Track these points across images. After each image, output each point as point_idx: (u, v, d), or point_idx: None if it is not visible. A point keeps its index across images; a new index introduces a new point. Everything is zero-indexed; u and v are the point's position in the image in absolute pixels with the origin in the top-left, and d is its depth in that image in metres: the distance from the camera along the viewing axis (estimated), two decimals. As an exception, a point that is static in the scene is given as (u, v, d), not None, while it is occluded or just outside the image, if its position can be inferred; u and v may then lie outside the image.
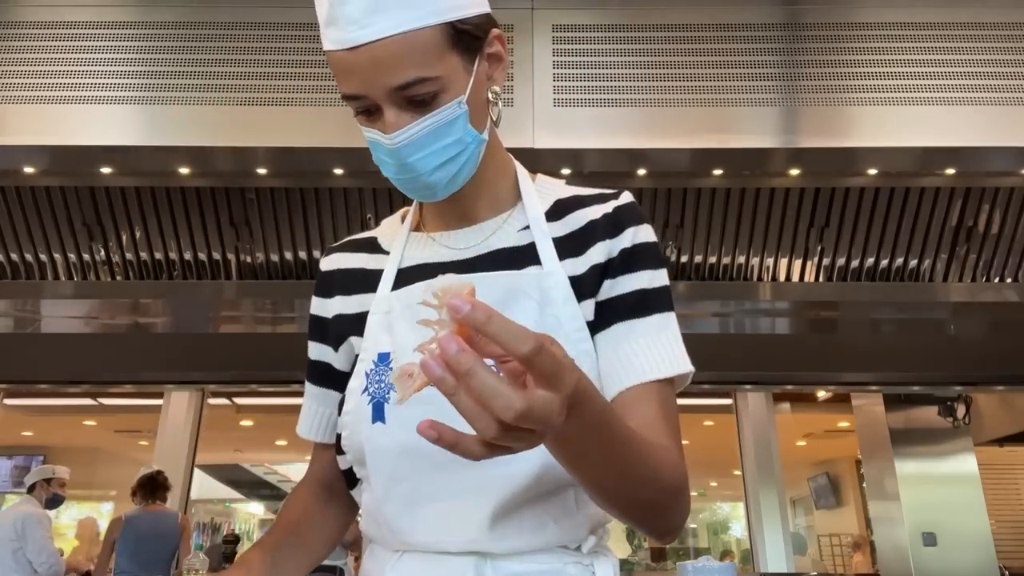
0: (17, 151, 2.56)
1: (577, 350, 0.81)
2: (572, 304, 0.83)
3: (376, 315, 0.88)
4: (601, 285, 0.86)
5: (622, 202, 0.90)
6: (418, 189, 0.84)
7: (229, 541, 4.37)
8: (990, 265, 3.34)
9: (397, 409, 0.80)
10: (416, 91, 0.78)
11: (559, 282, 0.84)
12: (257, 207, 3.13)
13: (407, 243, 0.94)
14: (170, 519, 4.29)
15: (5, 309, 3.64)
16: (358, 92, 0.79)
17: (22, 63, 2.56)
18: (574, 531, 0.81)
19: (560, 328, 0.82)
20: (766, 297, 3.48)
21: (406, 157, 0.81)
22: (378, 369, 0.85)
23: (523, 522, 0.79)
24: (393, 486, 0.81)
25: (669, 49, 2.59)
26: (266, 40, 2.60)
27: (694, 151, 2.56)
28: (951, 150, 2.55)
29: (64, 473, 4.62)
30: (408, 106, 0.79)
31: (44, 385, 5.16)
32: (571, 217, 0.90)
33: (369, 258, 0.96)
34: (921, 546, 4.88)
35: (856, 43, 2.61)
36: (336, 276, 0.97)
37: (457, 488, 0.79)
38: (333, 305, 0.95)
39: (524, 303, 0.83)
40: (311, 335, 0.99)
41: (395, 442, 0.80)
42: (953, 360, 4.20)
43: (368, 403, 0.83)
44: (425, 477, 0.80)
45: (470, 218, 0.91)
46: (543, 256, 0.86)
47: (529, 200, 0.91)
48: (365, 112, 0.82)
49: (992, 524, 5.06)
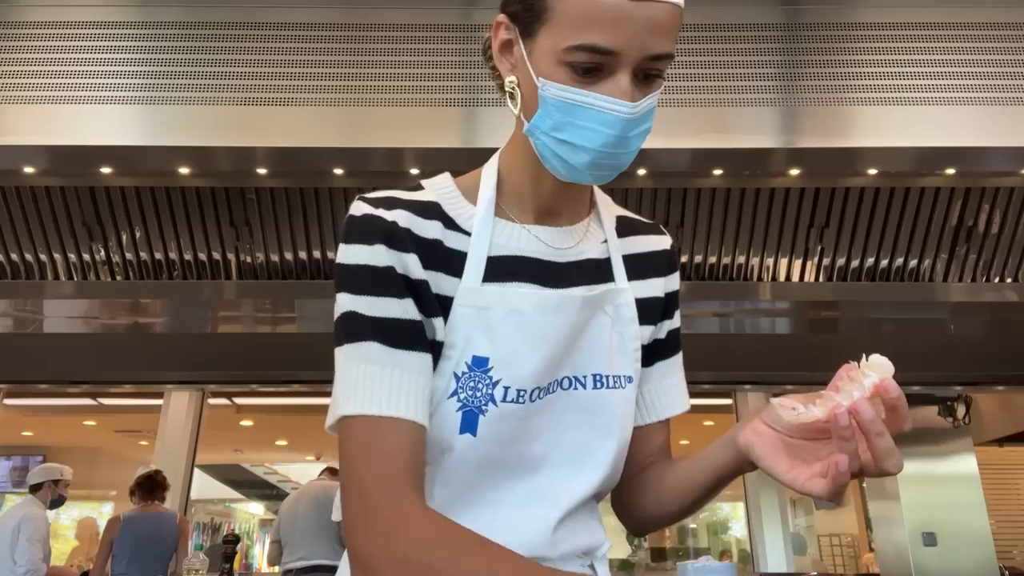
0: (17, 151, 2.57)
1: (634, 368, 0.86)
2: (635, 324, 0.87)
3: (466, 308, 0.78)
4: (660, 318, 0.92)
5: (670, 241, 0.96)
6: (607, 168, 0.77)
7: (229, 541, 4.36)
8: (990, 265, 3.34)
9: (492, 423, 0.77)
10: (660, 65, 0.75)
11: (629, 301, 0.87)
12: (257, 207, 3.13)
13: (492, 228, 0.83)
14: (168, 520, 4.28)
15: (5, 309, 3.64)
16: (613, 46, 0.71)
17: (22, 63, 2.56)
18: (598, 535, 0.86)
19: (624, 346, 0.85)
20: (766, 297, 3.49)
21: (631, 130, 0.75)
22: (472, 374, 0.78)
23: (573, 528, 0.81)
24: (462, 491, 0.79)
25: (669, 49, 2.59)
26: (266, 40, 2.60)
27: (694, 151, 2.56)
28: (951, 150, 2.55)
29: (70, 475, 4.63)
30: (637, 78, 0.75)
31: (44, 385, 5.17)
32: (634, 240, 0.92)
33: (445, 232, 0.81)
34: (921, 546, 4.88)
35: (856, 43, 2.61)
36: (411, 237, 0.78)
37: (523, 496, 0.80)
38: (414, 264, 0.77)
39: (600, 317, 0.84)
40: (383, 290, 0.76)
41: (480, 455, 0.78)
42: (953, 360, 4.20)
43: (457, 410, 0.77)
44: (495, 485, 0.80)
45: (558, 217, 0.86)
46: (616, 273, 0.88)
47: (606, 213, 0.92)
48: (587, 70, 0.73)
49: (992, 524, 5.06)
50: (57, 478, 4.49)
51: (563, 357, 0.81)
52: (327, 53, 2.59)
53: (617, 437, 0.83)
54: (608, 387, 0.83)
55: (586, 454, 0.82)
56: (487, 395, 0.77)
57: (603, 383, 0.82)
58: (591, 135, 0.75)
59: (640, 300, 0.88)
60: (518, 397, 0.78)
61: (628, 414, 0.85)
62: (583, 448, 0.82)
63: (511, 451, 0.79)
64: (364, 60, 2.58)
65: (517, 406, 0.78)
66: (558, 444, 0.81)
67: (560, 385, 0.81)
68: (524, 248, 0.83)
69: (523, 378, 0.78)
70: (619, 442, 0.83)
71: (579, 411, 0.81)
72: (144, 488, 4.30)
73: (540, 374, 0.79)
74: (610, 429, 0.82)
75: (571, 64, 0.73)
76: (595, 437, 0.82)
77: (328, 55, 2.59)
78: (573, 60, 0.73)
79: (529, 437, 0.80)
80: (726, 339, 3.90)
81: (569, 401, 0.81)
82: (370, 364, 0.73)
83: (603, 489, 0.84)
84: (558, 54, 0.74)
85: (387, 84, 2.54)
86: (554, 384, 0.81)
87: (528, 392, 0.78)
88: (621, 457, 0.84)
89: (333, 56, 2.59)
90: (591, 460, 0.82)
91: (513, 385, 0.78)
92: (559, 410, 0.81)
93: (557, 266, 0.84)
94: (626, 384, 0.84)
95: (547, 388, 0.80)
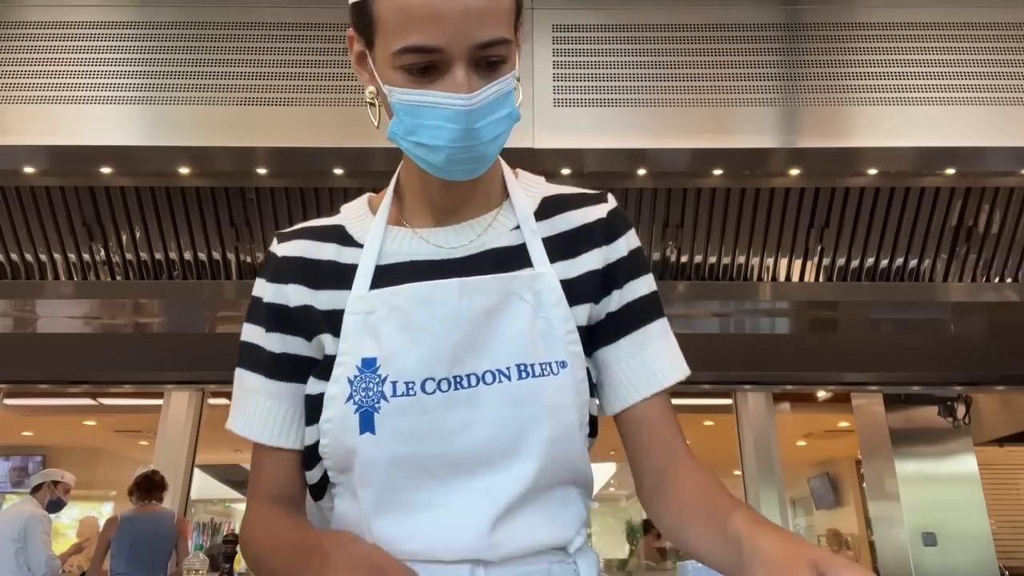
0: (17, 151, 2.57)
1: (568, 352, 0.82)
2: (563, 307, 0.83)
3: (355, 315, 0.82)
4: (602, 293, 0.87)
5: (612, 206, 0.91)
6: (467, 162, 0.78)
7: (229, 541, 4.35)
8: (990, 265, 3.34)
9: (388, 419, 0.78)
10: (495, 52, 0.75)
11: (551, 284, 0.83)
12: (257, 207, 3.13)
13: (385, 237, 0.87)
14: (166, 519, 4.28)
15: (5, 309, 3.64)
16: (436, 43, 0.73)
17: (22, 63, 2.56)
18: (563, 531, 0.82)
19: (551, 330, 0.82)
20: (766, 297, 3.48)
21: (475, 121, 0.75)
22: (363, 376, 0.80)
23: (518, 527, 0.79)
24: (383, 496, 0.79)
25: (669, 49, 2.59)
26: (266, 40, 2.60)
27: (694, 151, 2.56)
28: (951, 150, 2.56)
29: (71, 480, 4.63)
30: (478, 68, 0.75)
31: (44, 385, 5.16)
32: (561, 218, 0.89)
33: (340, 250, 0.87)
34: (921, 546, 4.88)
35: (856, 43, 2.61)
36: (298, 264, 0.87)
37: (454, 496, 0.78)
38: (294, 294, 0.86)
39: (518, 305, 0.82)
40: (266, 324, 0.87)
41: (386, 453, 0.78)
42: (953, 360, 4.20)
43: (355, 412, 0.79)
44: (418, 486, 0.79)
45: (459, 213, 0.87)
46: (534, 258, 0.85)
47: (517, 197, 0.89)
48: (423, 70, 0.75)
49: (992, 524, 5.06)
50: (57, 479, 4.50)
51: (464, 348, 0.80)
52: (327, 53, 2.59)
53: (549, 425, 0.80)
54: (535, 375, 0.80)
55: (517, 447, 0.79)
56: (378, 392, 0.79)
57: (529, 372, 0.80)
58: (438, 133, 0.76)
59: (569, 280, 0.85)
60: (407, 390, 0.78)
61: (564, 401, 0.81)
62: (514, 441, 0.79)
63: (426, 449, 0.78)
64: (364, 60, 2.58)
65: (409, 399, 0.78)
66: (487, 440, 0.79)
67: (483, 380, 0.79)
68: (414, 253, 0.85)
69: (408, 370, 0.79)
70: (552, 429, 0.80)
71: (508, 404, 0.79)
72: (142, 488, 4.30)
73: (427, 364, 0.79)
74: (540, 419, 0.79)
75: (404, 67, 0.75)
76: (527, 428, 0.79)
77: (328, 55, 2.59)
78: (404, 63, 0.75)
79: (446, 434, 0.78)
80: (726, 339, 3.90)
81: (495, 395, 0.79)
82: (242, 391, 0.89)
83: (543, 480, 0.80)
84: (391, 59, 0.76)
85: (387, 84, 2.53)
86: (471, 378, 0.79)
87: (418, 383, 0.78)
88: (559, 445, 0.81)
89: (333, 56, 2.59)
90: (523, 452, 0.79)
91: (401, 378, 0.79)
92: (484, 406, 0.79)
93: (451, 263, 0.84)
94: (559, 370, 0.81)
95: (454, 381, 0.79)
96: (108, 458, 8.42)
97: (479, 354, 0.80)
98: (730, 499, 0.76)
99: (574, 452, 0.83)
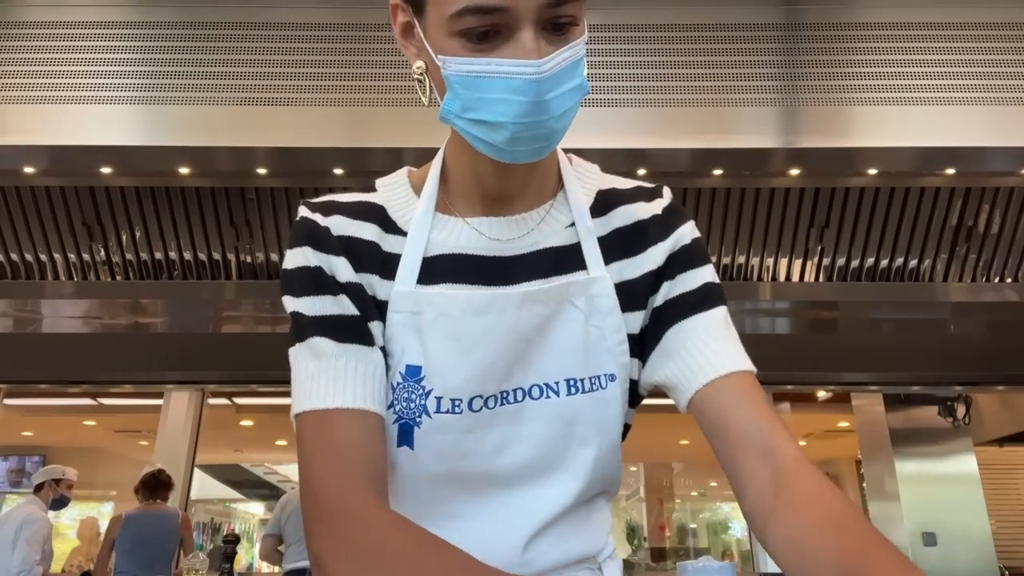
0: (17, 151, 2.57)
1: (617, 364, 0.77)
2: (617, 315, 0.77)
3: (401, 314, 0.74)
4: (656, 292, 0.80)
5: (667, 201, 0.83)
6: (534, 140, 0.68)
7: (229, 541, 4.35)
8: (990, 265, 3.34)
9: (428, 436, 0.73)
10: (565, 11, 0.66)
11: (605, 290, 0.77)
12: (257, 207, 3.13)
13: (433, 225, 0.78)
14: (170, 518, 4.28)
15: (5, 309, 3.64)
16: (500, 2, 0.63)
17: (22, 63, 2.56)
18: (593, 540, 0.79)
19: (603, 341, 0.77)
20: (766, 297, 3.48)
21: (546, 92, 0.65)
22: (406, 385, 0.73)
23: (551, 541, 0.76)
24: (409, 506, 0.74)
25: (669, 49, 2.59)
26: (266, 40, 2.60)
27: (694, 151, 2.56)
28: (951, 150, 2.56)
29: (73, 475, 4.62)
30: (546, 32, 0.66)
31: (44, 385, 5.16)
32: (616, 214, 0.81)
33: (382, 234, 0.78)
34: (921, 546, 4.88)
35: (856, 43, 2.61)
36: (343, 239, 0.76)
37: (492, 511, 0.75)
38: (342, 269, 0.75)
39: (570, 313, 0.76)
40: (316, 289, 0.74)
41: (423, 469, 0.74)
42: (953, 360, 4.20)
43: (394, 422, 0.73)
44: (455, 500, 0.75)
45: (511, 204, 0.79)
46: (589, 261, 0.78)
47: (573, 190, 0.81)
48: (483, 35, 0.66)
49: (992, 524, 5.06)
50: (59, 477, 4.49)
51: (515, 361, 0.74)
52: (327, 53, 2.59)
53: (596, 444, 0.76)
54: (584, 391, 0.75)
55: (561, 465, 0.75)
56: (420, 406, 0.73)
57: (578, 387, 0.75)
58: (502, 107, 0.66)
59: (624, 283, 0.79)
60: (453, 408, 0.73)
61: (611, 415, 0.76)
62: (558, 459, 0.75)
63: (466, 468, 0.74)
64: (364, 60, 2.58)
65: (454, 416, 0.73)
66: (531, 458, 0.75)
67: (529, 395, 0.75)
68: (463, 245, 0.77)
69: (456, 387, 0.73)
70: (599, 448, 0.76)
71: (554, 421, 0.75)
72: (148, 487, 4.31)
73: (478, 381, 0.73)
74: (587, 436, 0.75)
75: (463, 32, 0.66)
76: (572, 446, 0.75)
77: (328, 55, 2.59)
78: (463, 27, 0.65)
79: (488, 452, 0.74)
80: (726, 339, 3.90)
81: (541, 411, 0.75)
82: (317, 360, 0.71)
83: (586, 497, 0.77)
84: (447, 24, 0.66)
85: (387, 84, 2.54)
86: (518, 393, 0.75)
87: (465, 401, 0.73)
88: (603, 463, 0.77)
89: (333, 56, 2.59)
90: (567, 470, 0.75)
91: (447, 395, 0.73)
92: (529, 421, 0.75)
93: (502, 261, 0.77)
94: (607, 384, 0.76)
95: (501, 397, 0.74)
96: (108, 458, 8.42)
97: (528, 368, 0.75)
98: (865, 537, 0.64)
99: (615, 466, 0.79)
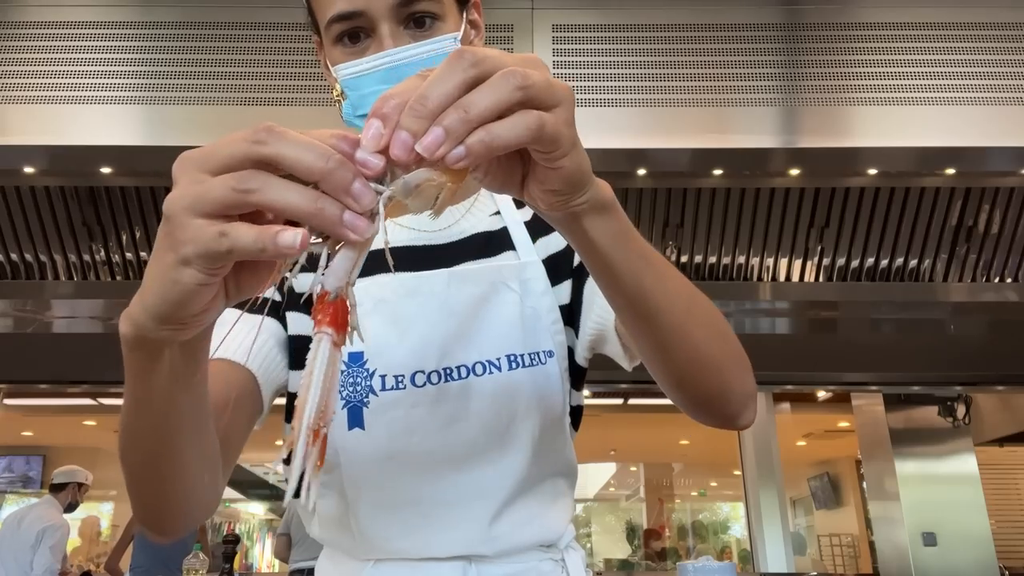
0: (17, 151, 2.56)
1: (554, 341, 0.81)
2: (549, 295, 0.82)
3: None
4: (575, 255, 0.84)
5: None
6: None
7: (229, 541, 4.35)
8: (990, 265, 3.34)
9: (378, 414, 0.76)
10: (420, 8, 0.73)
11: (537, 274, 0.82)
12: (257, 207, 3.13)
13: None
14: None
15: (5, 309, 3.64)
16: (356, 7, 0.72)
17: (22, 63, 2.56)
18: (554, 526, 0.81)
19: (538, 320, 0.81)
20: (766, 297, 3.48)
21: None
22: (350, 371, 0.77)
23: (514, 521, 0.77)
24: (369, 493, 0.77)
25: (669, 49, 2.59)
26: (266, 40, 2.60)
27: (694, 151, 2.56)
28: (951, 150, 2.55)
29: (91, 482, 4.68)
30: (409, 30, 0.74)
31: (44, 385, 5.16)
32: None
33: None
34: (921, 546, 4.88)
35: (856, 43, 2.61)
36: None
37: (446, 492, 0.77)
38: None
39: (505, 295, 0.81)
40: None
41: (377, 448, 0.76)
42: (953, 360, 4.20)
43: (343, 408, 0.76)
44: (406, 482, 0.77)
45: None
46: (517, 243, 0.84)
47: None
48: (353, 38, 0.74)
49: (992, 524, 5.06)
50: (82, 481, 4.52)
51: (452, 339, 0.78)
52: (327, 53, 2.59)
53: (539, 415, 0.78)
54: (524, 366, 0.79)
55: (507, 440, 0.78)
56: (367, 387, 0.76)
57: (519, 362, 0.79)
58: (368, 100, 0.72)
59: (550, 257, 0.84)
60: (397, 384, 0.76)
61: (552, 390, 0.80)
62: (504, 433, 0.78)
63: (416, 444, 0.76)
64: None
65: (399, 392, 0.76)
66: (479, 433, 0.77)
67: (473, 371, 0.78)
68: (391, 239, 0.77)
69: (397, 363, 0.77)
70: (541, 422, 0.79)
71: (498, 396, 0.78)
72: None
73: (417, 357, 0.77)
74: (530, 410, 0.78)
75: (338, 39, 0.75)
76: (516, 421, 0.78)
77: (328, 55, 2.59)
78: (335, 34, 0.75)
79: (437, 428, 0.76)
80: (726, 339, 3.89)
81: (486, 387, 0.78)
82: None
83: (535, 472, 0.79)
84: (327, 37, 0.76)
85: (387, 84, 2.54)
86: (462, 370, 0.77)
87: (408, 376, 0.76)
88: (548, 435, 0.79)
89: (333, 56, 2.59)
90: (512, 445, 0.78)
91: (389, 372, 0.77)
92: (476, 397, 0.77)
93: (431, 248, 0.82)
94: (547, 359, 0.80)
95: (444, 374, 0.77)
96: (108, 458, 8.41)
97: (469, 345, 0.78)
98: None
99: (562, 442, 0.82)
